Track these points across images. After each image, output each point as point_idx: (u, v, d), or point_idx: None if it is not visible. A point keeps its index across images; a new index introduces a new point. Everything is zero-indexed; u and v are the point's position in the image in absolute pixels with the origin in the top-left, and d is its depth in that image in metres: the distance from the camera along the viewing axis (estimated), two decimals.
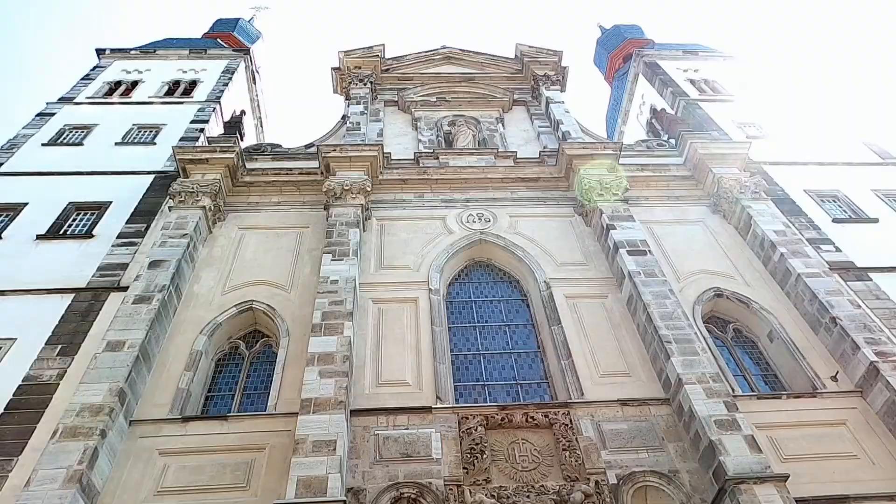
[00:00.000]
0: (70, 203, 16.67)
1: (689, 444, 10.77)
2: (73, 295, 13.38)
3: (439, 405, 11.36)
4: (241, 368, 12.80)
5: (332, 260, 13.75)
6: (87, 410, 10.25)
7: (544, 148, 19.17)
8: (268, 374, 12.41)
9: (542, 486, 10.11)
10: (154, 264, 13.46)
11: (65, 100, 23.09)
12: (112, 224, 15.81)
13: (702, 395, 10.89)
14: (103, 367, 11.05)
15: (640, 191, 17.18)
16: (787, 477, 9.59)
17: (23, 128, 20.82)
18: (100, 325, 12.49)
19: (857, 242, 15.71)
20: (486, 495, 9.88)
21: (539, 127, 20.71)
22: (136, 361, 11.24)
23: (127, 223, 15.81)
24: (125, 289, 13.15)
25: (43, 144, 19.92)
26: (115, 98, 23.77)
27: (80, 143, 20.12)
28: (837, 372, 12.26)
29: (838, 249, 15.31)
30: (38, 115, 21.75)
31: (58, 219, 16.10)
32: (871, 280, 14.32)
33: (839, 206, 17.66)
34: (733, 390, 11.65)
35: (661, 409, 11.47)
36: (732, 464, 9.74)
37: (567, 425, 11.02)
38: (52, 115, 21.77)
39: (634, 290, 13.36)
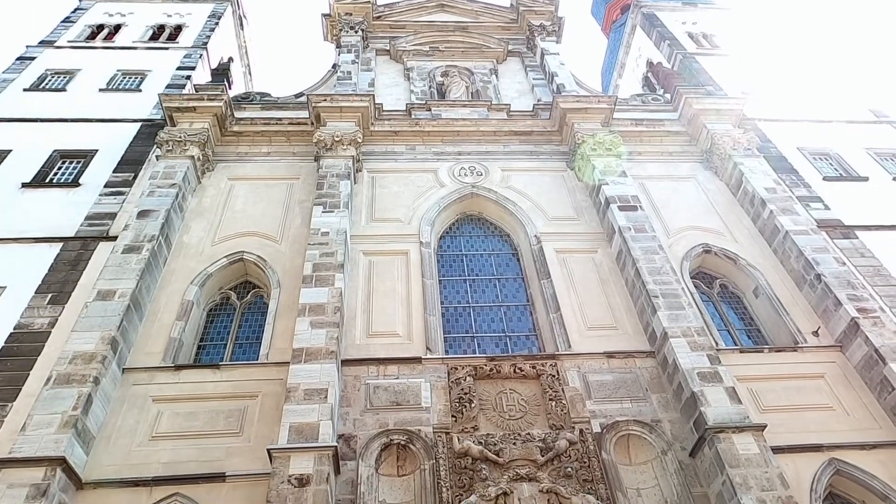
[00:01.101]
0: (55, 151, 16.36)
1: (672, 395, 11.07)
2: (61, 244, 13.29)
3: (429, 356, 11.55)
4: (233, 319, 12.89)
5: (322, 212, 13.69)
6: (79, 358, 10.34)
7: (538, 101, 18.91)
8: (259, 325, 12.53)
9: (528, 433, 10.41)
10: (143, 214, 13.35)
11: (45, 43, 22.34)
12: (99, 173, 15.58)
13: (686, 348, 11.13)
14: (95, 315, 11.09)
15: (633, 146, 17.07)
16: (765, 427, 9.93)
17: (3, 72, 20.22)
18: (89, 274, 12.47)
19: (847, 200, 15.82)
20: (473, 442, 10.17)
21: (533, 79, 20.37)
22: (127, 310, 11.28)
23: (114, 172, 15.58)
24: (114, 238, 13.06)
25: (25, 90, 19.39)
26: (97, 42, 23.03)
27: (63, 89, 19.60)
28: (819, 327, 12.53)
29: (827, 207, 15.43)
30: (18, 59, 21.08)
31: (43, 167, 15.83)
32: (857, 238, 14.49)
33: (831, 163, 17.69)
34: (717, 344, 11.90)
35: (645, 361, 11.74)
36: (713, 414, 10.05)
37: (554, 376, 11.27)
38: (33, 59, 21.12)
39: (624, 246, 13.46)
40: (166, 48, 22.74)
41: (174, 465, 9.64)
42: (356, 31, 21.34)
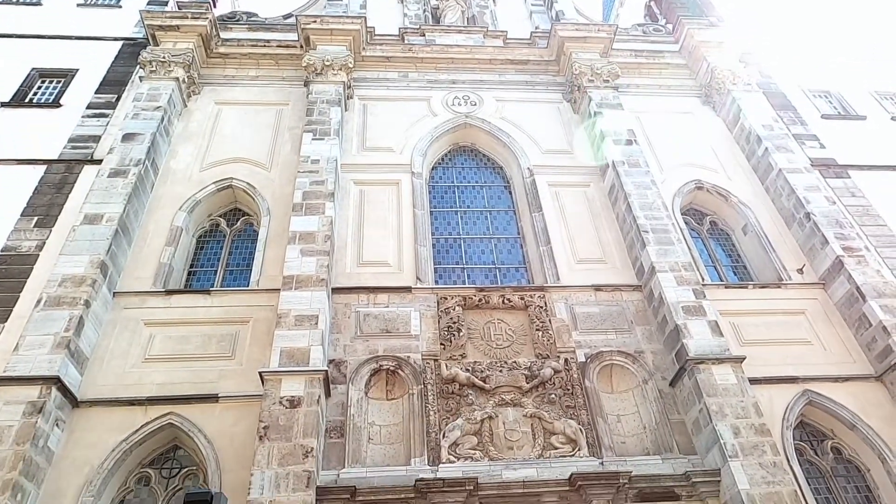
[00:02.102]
0: (34, 69, 15.74)
1: (656, 328, 11.32)
2: (45, 166, 13.02)
3: (419, 285, 11.66)
4: (223, 245, 12.86)
5: (312, 139, 13.41)
6: (69, 281, 10.34)
7: (536, 28, 18.24)
8: (249, 252, 12.52)
9: (515, 361, 10.67)
10: (128, 137, 13.02)
11: None
12: (80, 93, 15.06)
13: (673, 282, 11.29)
14: (82, 239, 11.01)
15: (631, 78, 16.68)
16: (744, 359, 10.24)
17: None
18: (75, 198, 12.29)
19: (843, 139, 15.71)
20: (461, 369, 10.43)
21: (532, 5, 19.55)
22: (115, 235, 11.20)
23: (96, 93, 15.05)
24: (99, 162, 12.79)
25: None
26: None
27: (38, 3, 18.58)
28: (804, 265, 12.72)
29: (822, 146, 15.32)
30: None
31: (22, 86, 15.26)
32: (849, 177, 14.50)
33: (830, 102, 17.44)
34: (703, 279, 12.07)
35: (632, 294, 11.92)
36: (694, 346, 10.32)
37: (542, 307, 11.45)
38: None
39: (617, 180, 13.38)
40: None
41: (168, 386, 9.84)
42: None
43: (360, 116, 15.06)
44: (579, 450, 9.64)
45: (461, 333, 10.95)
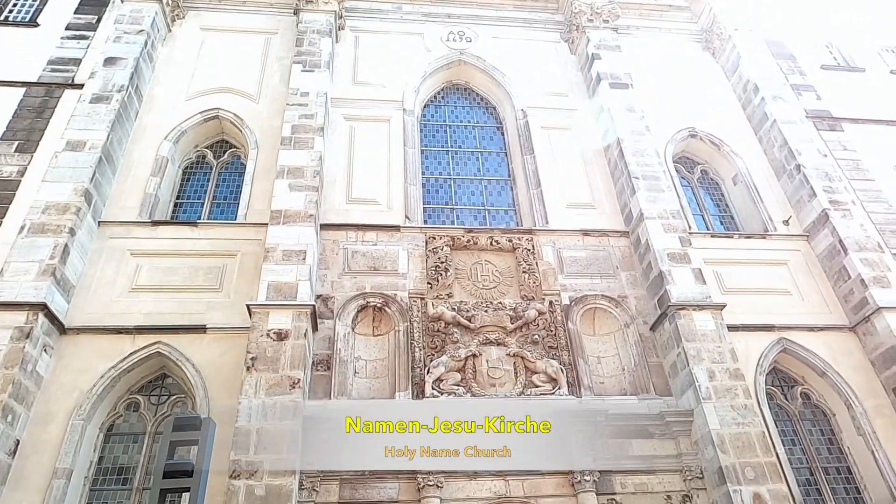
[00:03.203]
0: None
1: (641, 274, 11.48)
2: (24, 89, 12.56)
3: (408, 224, 11.65)
4: (210, 178, 12.66)
5: (302, 71, 13.03)
6: (53, 208, 10.19)
7: None
8: (237, 185, 12.37)
9: (500, 302, 10.83)
10: (110, 61, 12.55)
11: None
12: (58, 12, 14.35)
13: (660, 229, 11.37)
14: (65, 166, 10.78)
15: (631, 19, 16.22)
16: (724, 306, 10.47)
17: None
18: (56, 123, 11.93)
19: (840, 91, 15.51)
20: (447, 308, 10.58)
21: None
22: (99, 163, 10.97)
23: (76, 13, 14.36)
24: (80, 86, 12.35)
25: None
26: None
27: None
28: (790, 217, 12.82)
29: (819, 97, 15.14)
30: None
31: None
32: (842, 131, 14.42)
33: (831, 52, 17.12)
34: (690, 228, 12.16)
35: (619, 240, 12.01)
36: (677, 292, 10.51)
37: (529, 250, 11.52)
38: None
39: (611, 125, 13.23)
40: None
41: (155, 316, 9.90)
42: None
43: (351, 49, 14.60)
44: (559, 388, 9.93)
45: (448, 273, 11.04)
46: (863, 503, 9.80)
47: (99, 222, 10.89)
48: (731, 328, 10.37)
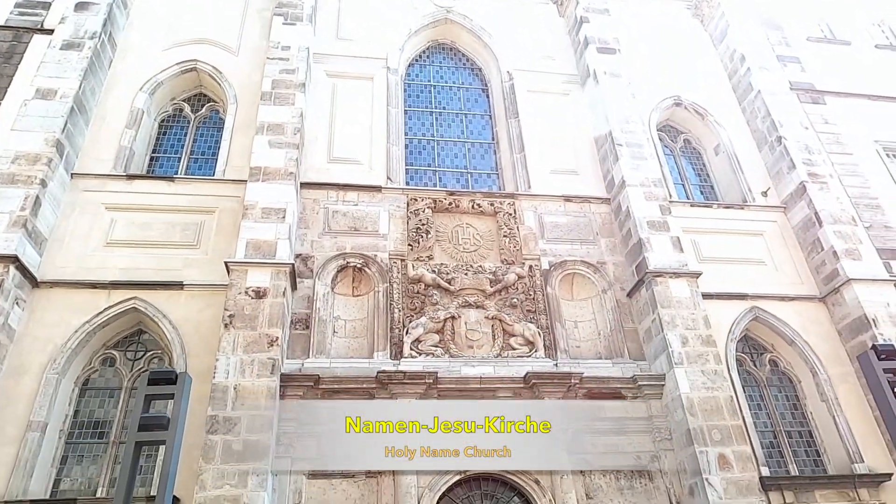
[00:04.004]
0: None
1: (620, 240, 11.58)
2: None
3: (390, 185, 11.54)
4: (187, 132, 12.36)
5: (283, 23, 12.64)
6: (23, 159, 9.89)
7: None
8: (215, 140, 12.10)
9: (480, 266, 10.87)
10: (81, 6, 12.04)
11: None
12: None
13: (641, 197, 11.43)
14: (35, 115, 10.42)
15: None
16: (700, 274, 10.64)
17: None
18: (25, 69, 11.47)
19: (824, 63, 15.53)
20: (427, 270, 10.59)
21: None
22: (71, 112, 10.61)
23: None
24: (50, 31, 11.86)
25: None
26: None
27: None
28: (769, 188, 12.97)
29: (803, 69, 15.14)
30: None
31: None
32: (825, 104, 14.49)
33: (819, 24, 17.06)
34: (670, 196, 12.23)
35: (601, 207, 12.06)
36: (655, 259, 10.64)
37: (511, 214, 11.53)
38: None
39: (596, 90, 13.13)
40: None
41: (131, 272, 9.76)
42: None
43: (335, 2, 14.17)
44: (536, 351, 10.08)
45: (429, 235, 11.02)
46: (821, 465, 10.22)
47: (72, 174, 10.61)
48: (706, 296, 10.56)
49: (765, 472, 9.49)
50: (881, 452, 9.99)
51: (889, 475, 9.67)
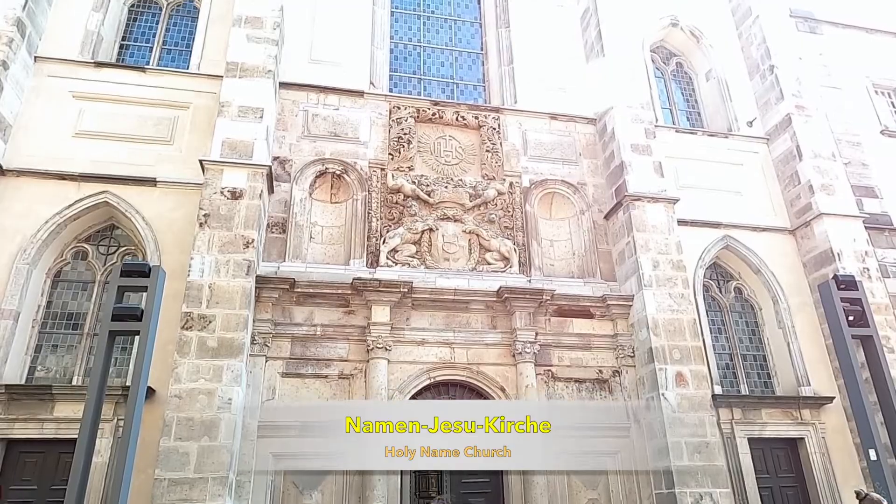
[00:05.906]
0: None
1: (602, 162, 11.53)
2: None
3: (372, 90, 11.17)
4: (159, 20, 11.62)
5: None
6: None
7: None
8: (189, 31, 11.44)
9: (461, 179, 10.78)
10: None
11: None
12: None
13: (627, 119, 11.28)
14: None
15: None
16: (677, 200, 10.73)
17: None
18: None
19: None
20: (407, 181, 10.47)
21: None
22: None
23: None
24: None
25: None
26: None
27: None
28: (755, 119, 12.88)
29: None
30: None
31: None
32: (822, 34, 14.20)
33: None
34: (657, 120, 12.07)
35: (586, 127, 11.90)
36: (634, 183, 10.66)
37: (495, 129, 11.32)
38: None
39: (592, 4, 12.59)
40: None
41: (103, 165, 9.46)
42: None
43: None
44: (511, 267, 10.23)
45: (411, 146, 10.81)
46: (771, 386, 10.85)
47: (35, 57, 10.01)
48: (681, 222, 10.70)
49: (718, 390, 10.04)
50: (827, 378, 10.60)
51: (831, 398, 10.33)
